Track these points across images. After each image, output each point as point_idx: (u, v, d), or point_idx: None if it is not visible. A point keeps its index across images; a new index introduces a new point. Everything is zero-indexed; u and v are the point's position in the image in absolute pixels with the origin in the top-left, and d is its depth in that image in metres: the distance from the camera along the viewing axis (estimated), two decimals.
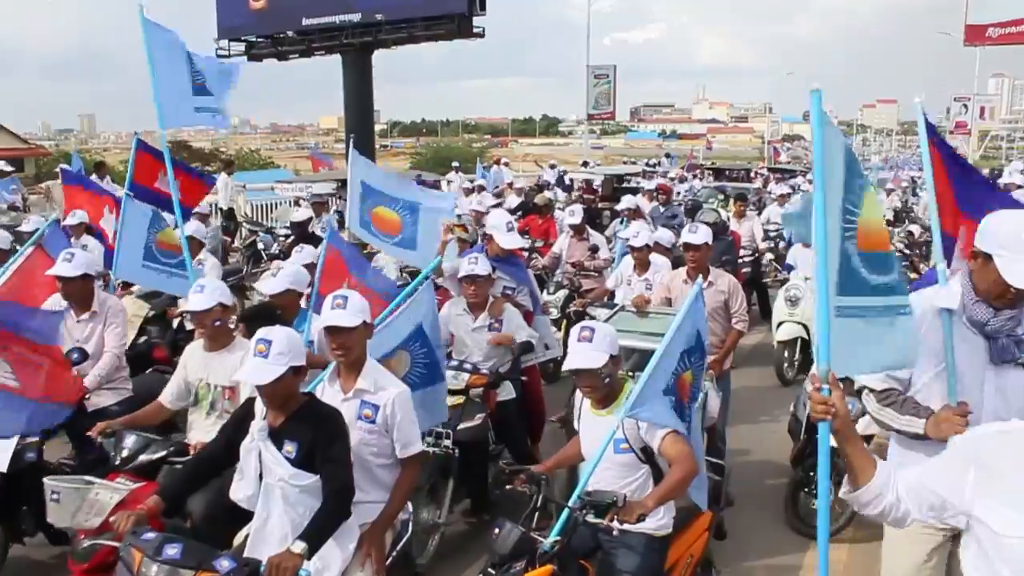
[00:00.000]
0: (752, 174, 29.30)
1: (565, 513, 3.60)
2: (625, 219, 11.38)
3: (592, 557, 3.81)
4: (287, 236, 12.45)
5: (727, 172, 29.21)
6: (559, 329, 8.71)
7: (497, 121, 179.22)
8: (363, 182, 7.20)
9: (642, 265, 7.67)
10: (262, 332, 3.52)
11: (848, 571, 5.44)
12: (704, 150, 49.28)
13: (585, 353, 3.69)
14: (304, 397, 3.72)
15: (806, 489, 5.95)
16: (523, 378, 6.41)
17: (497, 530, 3.60)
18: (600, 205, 16.37)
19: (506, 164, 28.26)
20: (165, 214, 7.19)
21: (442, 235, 7.26)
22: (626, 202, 12.20)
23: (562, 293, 9.35)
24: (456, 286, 6.33)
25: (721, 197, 19.15)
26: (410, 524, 4.21)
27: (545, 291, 9.28)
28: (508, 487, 4.08)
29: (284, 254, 10.60)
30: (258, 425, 3.60)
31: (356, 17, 28.72)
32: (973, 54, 46.83)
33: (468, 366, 5.69)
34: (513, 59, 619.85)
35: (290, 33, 31.07)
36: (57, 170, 16.01)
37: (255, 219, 18.57)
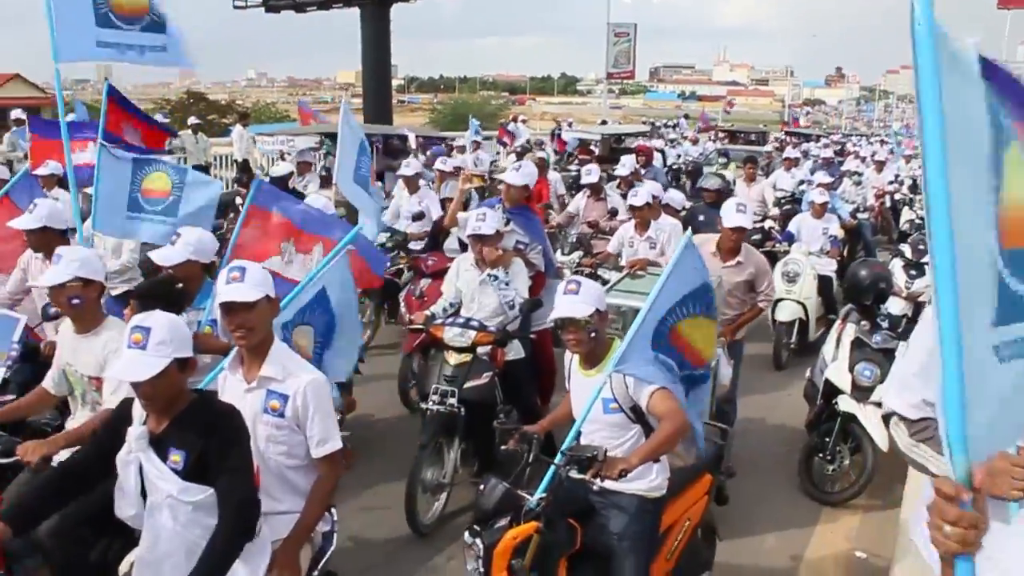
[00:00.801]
0: (769, 138, 28.76)
1: (551, 470, 3.55)
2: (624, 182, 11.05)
3: (584, 517, 3.72)
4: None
5: (742, 135, 28.38)
6: None
7: (515, 79, 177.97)
8: (361, 139, 7.17)
9: (643, 225, 7.49)
10: (137, 319, 2.93)
11: (860, 537, 5.41)
12: (723, 113, 48.35)
13: (571, 304, 3.62)
14: (192, 395, 3.10)
15: (820, 454, 5.91)
16: (532, 336, 6.24)
17: (483, 486, 3.57)
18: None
19: (524, 121, 28.01)
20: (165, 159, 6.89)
21: (461, 184, 7.33)
22: (627, 165, 11.67)
23: (577, 254, 9.08)
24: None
25: (723, 161, 18.49)
26: (334, 536, 3.61)
27: (559, 251, 9.03)
28: (503, 447, 4.04)
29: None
30: (136, 432, 2.96)
31: None
32: (1003, 20, 45.86)
33: (475, 323, 5.54)
34: (532, 16, 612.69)
35: None
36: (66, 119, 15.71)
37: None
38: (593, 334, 3.66)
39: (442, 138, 18.10)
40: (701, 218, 8.82)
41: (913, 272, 8.56)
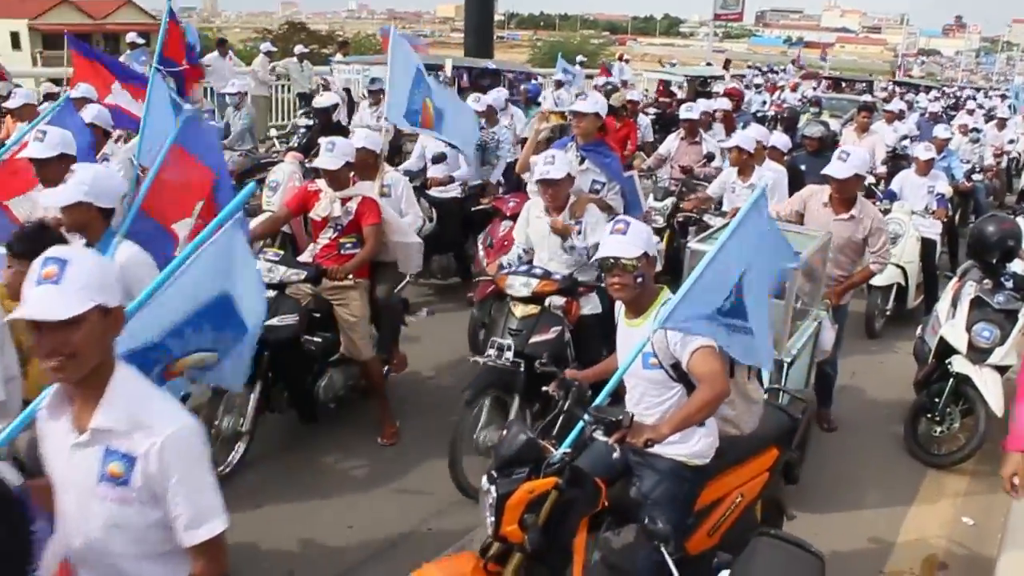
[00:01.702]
0: (878, 88, 27.25)
1: (579, 425, 3.33)
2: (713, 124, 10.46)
3: (615, 476, 3.47)
4: (308, 128, 10.17)
5: (846, 83, 26.39)
6: (661, 240, 8.02)
7: (616, 18, 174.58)
8: (419, 67, 6.75)
9: (746, 170, 7.09)
10: (52, 251, 2.11)
11: (966, 503, 5.21)
12: (819, 59, 46.07)
13: (618, 244, 3.34)
14: None
15: (928, 415, 5.69)
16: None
17: (505, 432, 3.34)
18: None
19: (626, 61, 27.42)
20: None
21: (537, 123, 6.96)
22: (702, 106, 10.60)
23: (670, 201, 8.47)
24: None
25: (815, 110, 16.92)
26: None
27: (651, 197, 8.56)
28: (544, 389, 3.77)
29: (304, 149, 9.00)
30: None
31: None
32: None
33: (538, 271, 5.08)
34: None
35: None
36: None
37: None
38: (640, 279, 3.36)
39: (533, 74, 17.21)
40: (803, 167, 8.42)
41: None
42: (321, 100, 10.06)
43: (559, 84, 16.12)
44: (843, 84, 25.49)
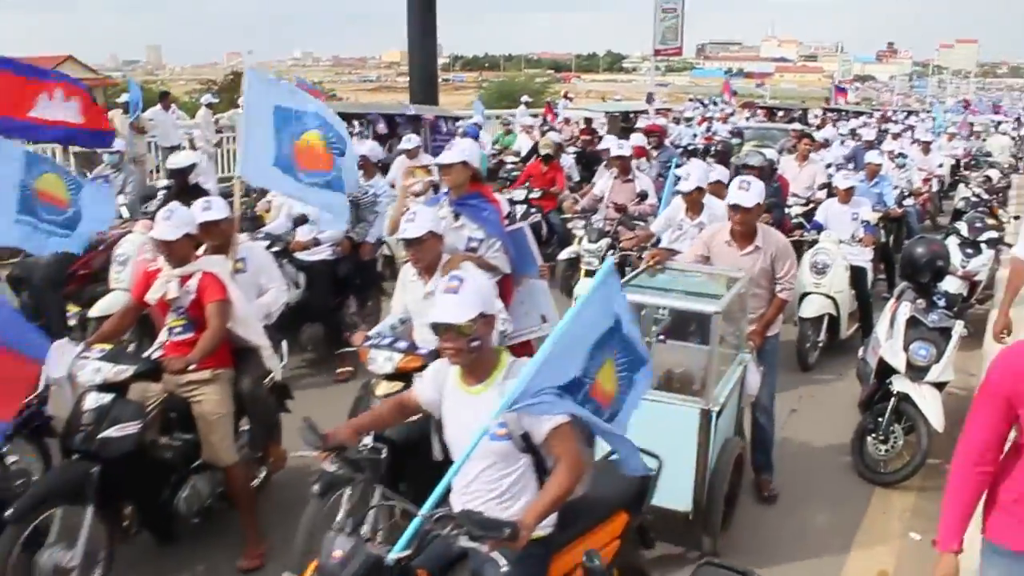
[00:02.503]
0: (812, 116, 27.56)
1: (416, 523, 2.95)
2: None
3: (443, 566, 3.11)
4: (167, 189, 8.79)
5: (782, 112, 26.33)
6: None
7: (560, 56, 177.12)
8: (277, 105, 5.65)
9: (695, 207, 6.82)
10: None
11: (913, 519, 5.35)
12: (755, 87, 46.80)
13: (450, 305, 2.99)
14: None
15: (873, 435, 5.84)
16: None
17: (336, 552, 2.86)
18: (602, 147, 12.51)
19: (571, 98, 27.86)
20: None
21: (405, 179, 6.19)
22: (636, 141, 10.72)
23: (604, 242, 8.29)
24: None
25: (737, 141, 16.64)
26: None
27: (585, 239, 8.49)
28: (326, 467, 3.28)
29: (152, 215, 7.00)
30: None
31: None
32: None
33: (402, 344, 4.48)
34: None
35: None
36: (119, 100, 15.59)
37: None
38: (476, 343, 3.02)
39: (457, 117, 16.13)
40: None
41: (969, 251, 8.45)
42: (177, 159, 8.69)
43: (477, 127, 16.05)
44: (778, 113, 25.59)
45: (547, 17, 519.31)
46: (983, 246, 8.50)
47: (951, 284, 7.10)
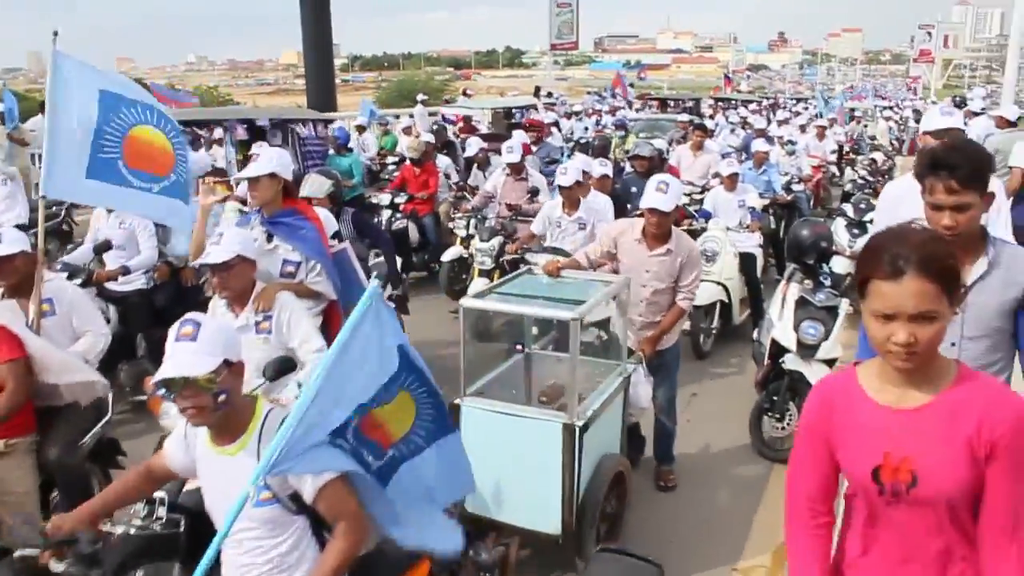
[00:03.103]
0: (706, 105, 27.81)
1: None
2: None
3: None
4: None
5: (673, 103, 26.02)
6: (491, 281, 7.49)
7: (460, 53, 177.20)
8: (103, 90, 4.79)
9: (572, 203, 6.88)
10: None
11: None
12: (637, 80, 46.94)
13: (186, 356, 2.50)
14: None
15: (769, 413, 6.00)
16: None
17: None
18: (488, 145, 12.33)
19: (470, 95, 27.87)
20: None
21: (203, 197, 4.89)
22: (516, 150, 10.04)
23: (496, 241, 8.22)
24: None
25: (621, 134, 16.50)
26: None
27: (476, 238, 8.43)
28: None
29: None
30: None
31: None
32: None
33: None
34: None
35: None
36: None
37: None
38: (222, 397, 2.55)
39: (328, 120, 14.16)
40: (634, 190, 8.22)
41: (856, 231, 8.75)
42: None
43: (362, 129, 15.76)
44: (669, 104, 25.65)
45: (445, 15, 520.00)
46: (868, 226, 8.82)
47: (839, 264, 7.34)
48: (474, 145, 9.15)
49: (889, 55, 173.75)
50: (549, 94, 27.21)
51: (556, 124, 16.52)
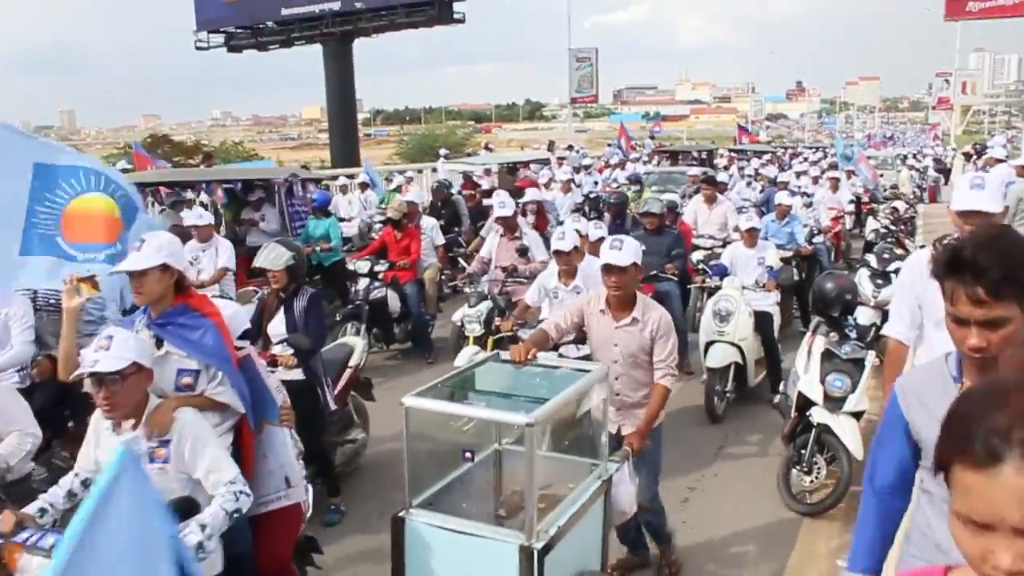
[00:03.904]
0: (721, 156, 26.75)
1: None
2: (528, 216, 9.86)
3: None
4: None
5: (683, 155, 25.23)
6: (484, 348, 7.30)
7: (480, 107, 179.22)
8: (38, 163, 4.54)
9: (569, 272, 6.32)
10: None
11: (841, 546, 5.46)
12: (650, 134, 46.45)
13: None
14: None
15: (798, 466, 5.98)
16: None
17: None
18: (488, 201, 12.09)
19: (491, 149, 28.19)
20: None
21: (67, 299, 4.16)
22: (531, 195, 10.43)
23: (484, 305, 7.81)
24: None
25: (636, 188, 15.96)
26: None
27: (466, 304, 8.04)
28: None
29: None
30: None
31: (336, 6, 28.68)
32: (954, 29, 46.94)
33: (52, 537, 3.05)
34: (494, 45, 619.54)
35: (270, 23, 30.97)
36: None
37: None
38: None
39: (318, 179, 14.49)
40: (643, 248, 8.17)
41: (880, 281, 8.74)
42: None
43: (364, 186, 15.38)
44: (681, 156, 25.15)
45: (465, 70, 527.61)
46: (892, 276, 8.81)
47: (863, 315, 7.35)
48: (508, 205, 8.25)
49: (907, 102, 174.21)
50: (570, 147, 27.45)
51: (572, 180, 15.55)
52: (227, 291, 8.22)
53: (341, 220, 13.11)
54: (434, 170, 20.77)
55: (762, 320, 7.93)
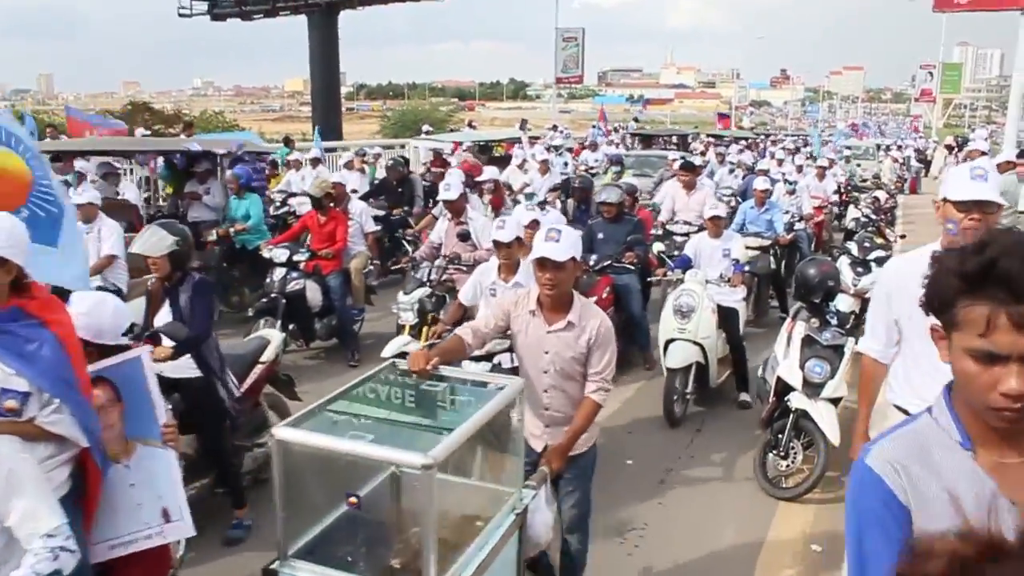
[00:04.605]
0: (697, 141, 26.26)
1: None
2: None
3: None
4: None
5: (657, 140, 24.99)
6: (417, 339, 6.69)
7: (465, 84, 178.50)
8: None
9: (510, 267, 5.57)
10: None
11: (814, 531, 5.50)
12: (635, 118, 46.22)
13: None
14: None
15: (774, 451, 6.00)
16: None
17: None
18: (483, 178, 11.81)
19: (475, 127, 28.05)
20: None
21: None
22: (488, 174, 10.08)
23: (420, 292, 7.36)
24: None
25: (616, 169, 15.55)
26: None
27: (401, 291, 7.63)
28: None
29: None
30: None
31: None
32: (938, 21, 47.09)
33: None
34: (481, 22, 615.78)
35: None
36: None
37: None
38: None
39: (262, 152, 13.13)
40: (600, 236, 8.02)
41: (860, 269, 8.77)
42: None
43: (316, 161, 14.47)
44: (653, 140, 24.97)
45: (451, 46, 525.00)
46: (872, 264, 8.84)
47: (844, 302, 7.36)
48: (454, 188, 7.54)
49: (890, 93, 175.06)
50: (554, 127, 27.34)
51: (547, 161, 14.88)
52: (115, 281, 7.38)
53: (293, 196, 12.49)
54: (415, 147, 20.48)
55: (727, 316, 7.45)
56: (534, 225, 6.14)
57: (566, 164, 17.39)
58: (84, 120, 14.76)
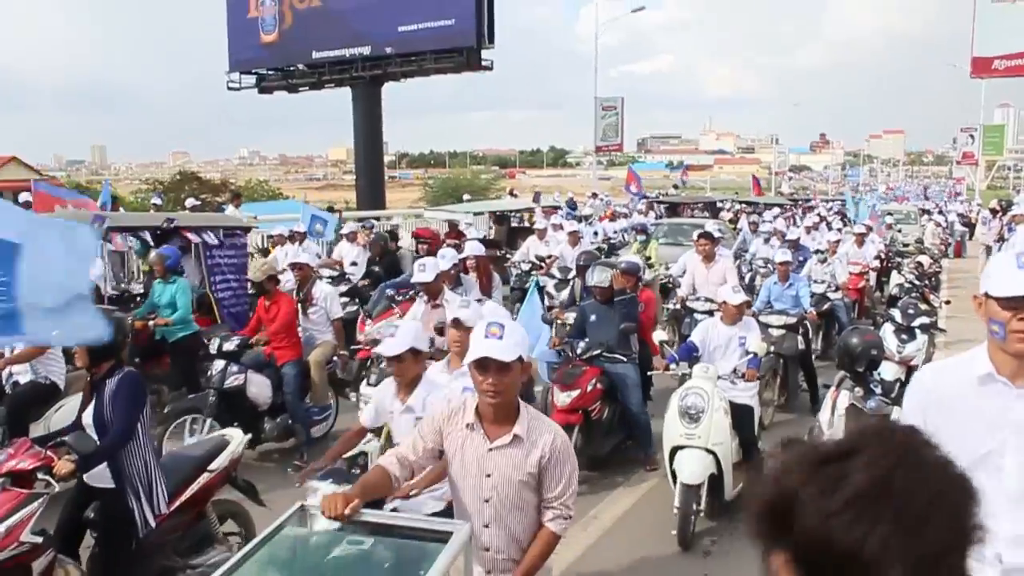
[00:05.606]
0: (727, 209, 26.09)
1: None
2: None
3: None
4: None
5: (683, 208, 23.95)
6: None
7: (505, 152, 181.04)
8: None
9: (460, 354, 4.33)
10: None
11: None
12: (680, 181, 45.81)
13: None
14: None
15: None
16: None
17: None
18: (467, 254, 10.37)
19: (515, 195, 28.39)
20: None
21: None
22: (470, 249, 8.87)
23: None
24: None
25: (642, 239, 15.03)
26: None
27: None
28: None
29: None
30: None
31: (366, 50, 29.12)
32: (979, 85, 47.06)
33: None
34: (521, 92, 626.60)
35: (301, 66, 31.47)
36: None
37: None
38: None
39: (239, 228, 10.86)
40: (593, 319, 7.26)
41: (904, 336, 8.67)
42: None
43: (301, 237, 12.88)
44: (680, 208, 24.12)
45: (490, 115, 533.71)
46: (917, 331, 8.75)
47: (888, 370, 7.29)
48: (429, 269, 6.86)
49: (931, 156, 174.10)
50: (594, 195, 27.58)
51: (578, 232, 13.71)
52: (48, 374, 6.58)
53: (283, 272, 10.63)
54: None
55: (739, 415, 6.37)
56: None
57: (596, 234, 16.75)
58: (56, 195, 14.05)
